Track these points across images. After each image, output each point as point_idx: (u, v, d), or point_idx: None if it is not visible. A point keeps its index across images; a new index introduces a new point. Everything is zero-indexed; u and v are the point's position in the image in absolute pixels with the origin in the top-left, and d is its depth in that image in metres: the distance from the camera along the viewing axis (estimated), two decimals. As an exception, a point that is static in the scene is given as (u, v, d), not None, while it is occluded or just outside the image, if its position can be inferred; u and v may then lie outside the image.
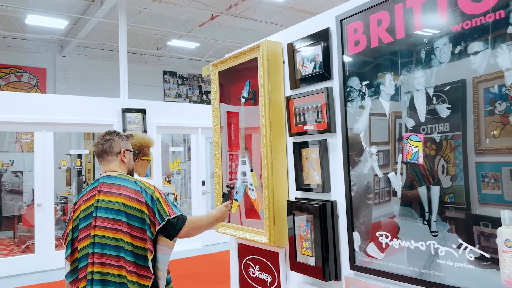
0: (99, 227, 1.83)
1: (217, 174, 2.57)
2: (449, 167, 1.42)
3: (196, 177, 6.25)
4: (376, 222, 1.65)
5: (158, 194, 1.91)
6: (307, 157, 1.99)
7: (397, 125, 1.57)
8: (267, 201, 2.08)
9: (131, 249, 1.80)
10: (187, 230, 1.92)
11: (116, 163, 2.02)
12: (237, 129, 2.51)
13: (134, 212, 1.83)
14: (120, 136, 2.10)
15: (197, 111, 6.24)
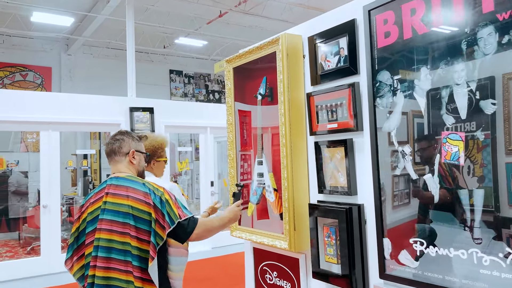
0: (105, 230, 1.77)
1: (232, 174, 2.47)
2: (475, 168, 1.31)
3: (204, 177, 6.16)
4: (410, 227, 1.54)
5: (168, 196, 1.84)
6: (330, 158, 1.89)
7: (434, 122, 1.46)
8: (287, 204, 1.98)
9: (138, 254, 1.74)
10: (199, 233, 1.84)
11: (124, 163, 1.96)
12: (249, 128, 2.42)
13: (142, 215, 1.77)
14: (131, 136, 2.03)
15: (206, 110, 6.15)
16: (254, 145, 2.39)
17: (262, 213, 2.24)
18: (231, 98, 2.49)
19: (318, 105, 1.95)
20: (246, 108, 2.44)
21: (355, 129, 1.76)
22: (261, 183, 2.24)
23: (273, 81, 2.20)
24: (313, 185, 2.00)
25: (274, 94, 2.20)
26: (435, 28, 1.46)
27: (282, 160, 2.02)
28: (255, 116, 2.35)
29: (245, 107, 2.44)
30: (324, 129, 1.91)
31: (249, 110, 2.43)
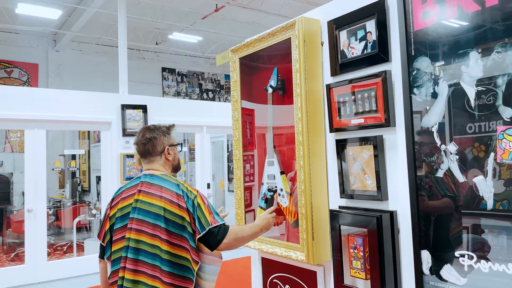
0: (135, 230, 1.71)
1: (238, 176, 2.26)
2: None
3: (200, 179, 5.93)
4: (456, 238, 1.35)
5: (200, 199, 1.75)
6: (354, 157, 1.68)
7: (487, 115, 1.26)
8: (304, 210, 1.78)
9: (169, 258, 1.66)
10: (229, 242, 1.71)
11: (160, 162, 1.89)
12: (253, 127, 2.22)
13: (175, 218, 1.69)
14: (161, 131, 1.94)
15: (202, 108, 5.92)
16: (258, 145, 2.19)
17: (279, 223, 2.03)
18: (237, 92, 2.28)
19: (340, 98, 1.74)
20: (249, 106, 2.24)
21: (387, 125, 1.55)
22: (273, 185, 2.03)
23: (285, 72, 2.00)
24: (334, 189, 1.80)
25: (287, 86, 2.00)
26: (488, 4, 1.26)
27: (298, 160, 1.81)
28: (263, 112, 2.14)
29: (249, 105, 2.24)
30: (348, 125, 1.71)
31: (253, 108, 2.23)
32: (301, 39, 1.82)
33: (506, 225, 1.23)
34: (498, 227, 1.25)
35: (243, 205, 2.22)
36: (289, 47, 1.90)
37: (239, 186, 2.24)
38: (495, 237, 1.25)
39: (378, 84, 1.58)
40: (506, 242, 1.22)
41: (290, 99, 1.99)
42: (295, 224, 1.91)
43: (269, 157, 2.06)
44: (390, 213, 1.53)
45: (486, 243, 1.27)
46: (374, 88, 1.60)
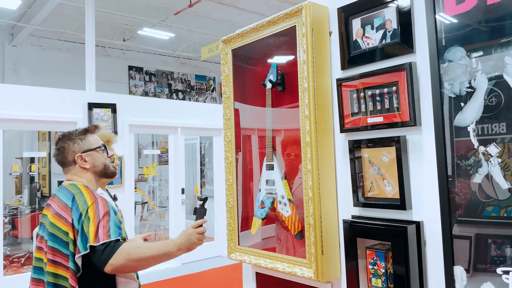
0: (37, 247, 1.68)
1: (230, 182, 2.04)
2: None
3: (174, 184, 5.64)
4: (497, 253, 1.20)
5: (93, 211, 1.55)
6: (371, 160, 1.52)
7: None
8: (313, 221, 1.59)
9: (53, 281, 1.55)
10: (118, 263, 1.45)
11: (75, 171, 1.78)
12: (238, 129, 2.03)
13: (59, 233, 1.56)
14: (70, 139, 1.80)
15: (177, 108, 5.64)
16: (245, 148, 2.00)
17: (280, 235, 1.83)
18: (229, 87, 2.07)
19: (353, 94, 1.58)
20: (238, 105, 2.05)
21: (412, 123, 1.40)
22: (272, 192, 1.84)
23: (286, 66, 1.82)
24: (345, 196, 1.62)
25: (287, 82, 1.82)
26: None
27: (305, 164, 1.63)
28: (250, 112, 1.95)
29: (238, 105, 2.04)
30: (363, 124, 1.54)
31: (237, 108, 2.04)
32: (309, 27, 1.64)
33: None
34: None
35: (236, 215, 2.01)
36: (292, 37, 1.72)
37: (232, 193, 2.03)
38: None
39: (402, 77, 1.42)
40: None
41: (290, 96, 1.81)
42: (299, 236, 1.72)
43: (268, 161, 1.86)
44: (416, 224, 1.37)
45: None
46: (397, 83, 1.44)
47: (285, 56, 1.85)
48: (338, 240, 1.63)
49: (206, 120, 5.80)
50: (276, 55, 1.88)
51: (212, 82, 15.20)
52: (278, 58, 1.87)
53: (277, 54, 1.88)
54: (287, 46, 1.81)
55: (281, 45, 1.85)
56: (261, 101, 1.93)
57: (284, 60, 1.85)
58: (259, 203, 1.90)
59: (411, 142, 1.42)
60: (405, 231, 1.34)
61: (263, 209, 1.88)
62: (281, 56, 1.87)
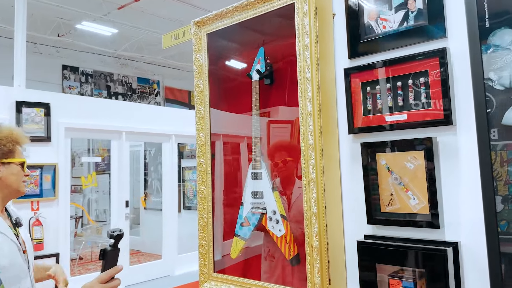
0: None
1: (203, 195, 1.72)
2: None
3: (117, 196, 5.13)
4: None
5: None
6: (390, 168, 1.28)
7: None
8: (318, 242, 1.31)
9: None
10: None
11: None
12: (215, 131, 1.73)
13: None
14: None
15: (121, 110, 5.15)
16: (223, 152, 1.70)
17: (270, 259, 1.53)
18: (202, 79, 1.76)
19: (367, 87, 1.34)
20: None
21: (445, 122, 1.17)
22: (259, 206, 1.54)
23: (275, 55, 1.55)
24: (355, 211, 1.37)
25: (276, 75, 1.55)
26: None
27: (306, 172, 1.35)
28: (243, 108, 1.67)
29: (214, 102, 1.74)
30: (380, 124, 1.30)
31: (214, 105, 1.74)
32: (312, 4, 1.38)
33: None
34: None
35: (211, 235, 1.68)
36: (287, 18, 1.45)
37: (205, 208, 1.71)
38: None
39: (433, 66, 1.20)
40: None
41: (279, 91, 1.54)
42: (295, 260, 1.43)
43: (255, 168, 1.56)
44: (453, 245, 1.14)
45: None
46: (426, 73, 1.21)
47: (276, 42, 1.58)
48: (343, 266, 1.37)
49: (155, 124, 5.38)
50: (265, 41, 1.60)
51: (156, 85, 14.62)
52: (266, 44, 1.59)
53: (266, 39, 1.60)
54: (279, 29, 1.54)
55: (271, 29, 1.58)
56: (244, 97, 1.64)
57: (274, 47, 1.58)
58: (242, 219, 1.60)
59: (443, 144, 1.20)
60: (444, 255, 1.11)
61: (247, 228, 1.58)
62: (270, 42, 1.59)
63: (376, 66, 1.31)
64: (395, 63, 1.27)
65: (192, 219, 7.29)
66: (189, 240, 6.43)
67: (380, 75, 1.30)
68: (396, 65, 1.27)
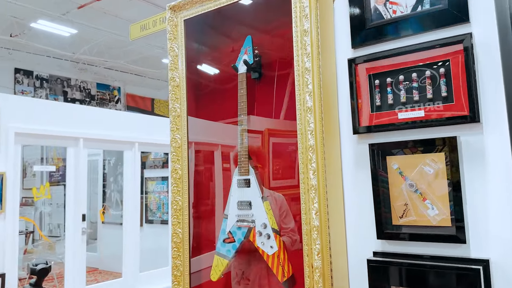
0: None
1: (178, 206, 1.50)
2: None
3: (73, 209, 4.75)
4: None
5: None
6: (403, 173, 1.12)
7: None
8: (321, 261, 1.13)
9: None
10: None
11: None
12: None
13: None
14: None
15: (79, 115, 4.81)
16: (202, 159, 1.50)
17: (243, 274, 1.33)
18: (178, 72, 1.55)
19: (376, 80, 1.18)
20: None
21: (469, 119, 1.03)
22: (247, 219, 1.34)
23: (264, 45, 1.38)
24: (361, 225, 1.20)
25: (264, 69, 1.38)
26: None
27: (305, 178, 1.17)
28: (227, 106, 1.48)
29: (192, 99, 1.54)
30: (391, 122, 1.14)
31: (192, 103, 1.55)
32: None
33: None
34: None
35: (189, 252, 1.46)
36: (282, 2, 1.28)
37: (180, 222, 1.49)
38: None
39: (455, 55, 1.05)
40: None
41: (268, 86, 1.37)
42: (290, 283, 1.24)
43: (241, 174, 1.37)
44: (483, 264, 0.99)
45: None
46: (447, 62, 1.06)
47: (267, 29, 1.40)
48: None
49: (116, 130, 5.06)
50: (252, 29, 1.42)
51: (117, 92, 14.16)
52: (252, 33, 1.41)
53: (254, 27, 1.42)
54: (272, 14, 1.37)
55: (261, 14, 1.40)
56: (228, 93, 1.45)
57: (264, 35, 1.40)
58: (225, 235, 1.39)
59: (467, 145, 1.05)
60: (477, 275, 0.95)
61: (232, 245, 1.37)
62: (260, 29, 1.42)
63: (386, 55, 1.16)
64: (409, 52, 1.12)
65: (155, 234, 6.94)
66: (152, 256, 6.09)
67: (391, 65, 1.15)
68: (410, 54, 1.12)
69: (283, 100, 1.32)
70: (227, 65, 1.46)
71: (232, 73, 1.43)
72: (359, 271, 1.16)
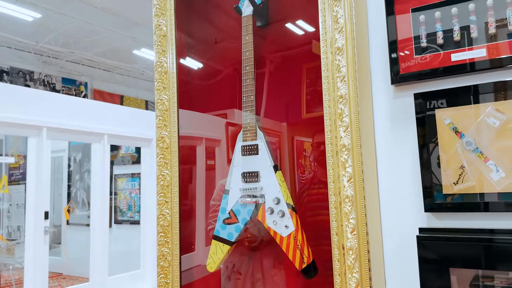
0: None
1: (165, 182, 1.25)
2: None
3: (34, 206, 4.37)
4: None
5: None
6: (458, 129, 0.91)
7: None
8: (357, 241, 0.91)
9: None
10: None
11: None
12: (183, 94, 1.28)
13: None
14: None
15: (42, 101, 4.43)
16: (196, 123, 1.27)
17: (269, 270, 1.10)
18: (166, 18, 1.30)
19: (420, 16, 0.97)
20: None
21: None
22: (254, 194, 1.11)
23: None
24: (400, 195, 0.98)
25: (272, 12, 1.16)
26: None
27: (333, 137, 0.95)
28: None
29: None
30: (442, 65, 0.94)
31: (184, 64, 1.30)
32: None
33: None
34: None
35: (178, 238, 1.21)
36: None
37: (168, 201, 1.23)
38: None
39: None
40: None
41: (276, 35, 1.15)
42: (310, 271, 1.02)
43: (247, 138, 1.13)
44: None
45: None
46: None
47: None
48: (384, 276, 0.97)
49: (84, 120, 4.71)
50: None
51: (84, 88, 13.63)
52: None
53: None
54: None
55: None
56: (229, 49, 1.22)
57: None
58: (226, 214, 1.15)
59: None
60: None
61: (235, 226, 1.13)
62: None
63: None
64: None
65: (126, 235, 6.58)
66: (122, 259, 5.75)
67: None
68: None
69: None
70: (222, 15, 1.23)
71: (231, 24, 1.20)
72: (403, 252, 0.95)
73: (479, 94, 0.89)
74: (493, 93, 0.88)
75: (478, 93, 0.89)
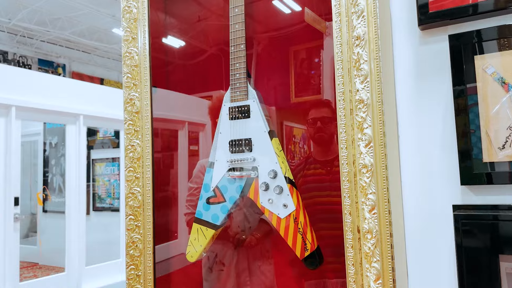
0: None
1: (137, 154, 1.04)
2: None
3: (3, 191, 4.12)
4: None
5: None
6: (506, 79, 0.73)
7: None
8: (378, 223, 0.72)
9: None
10: None
11: None
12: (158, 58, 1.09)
13: None
14: None
15: (11, 77, 4.15)
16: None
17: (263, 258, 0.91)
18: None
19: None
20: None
21: None
22: (245, 167, 0.91)
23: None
24: (429, 167, 0.80)
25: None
26: None
27: (346, 92, 0.76)
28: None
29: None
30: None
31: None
32: None
33: None
34: None
35: (151, 221, 1.01)
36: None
37: (139, 177, 1.03)
38: None
39: None
40: None
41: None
42: (315, 260, 0.83)
43: (235, 98, 0.93)
44: None
45: None
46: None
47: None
48: (406, 264, 0.79)
49: (57, 99, 4.44)
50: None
51: (61, 70, 13.21)
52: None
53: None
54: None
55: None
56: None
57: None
58: (210, 192, 0.95)
59: None
60: None
61: (221, 206, 0.94)
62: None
63: None
64: None
65: (105, 223, 6.35)
66: (100, 248, 5.53)
67: None
68: None
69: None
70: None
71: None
72: (432, 236, 0.77)
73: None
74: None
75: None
